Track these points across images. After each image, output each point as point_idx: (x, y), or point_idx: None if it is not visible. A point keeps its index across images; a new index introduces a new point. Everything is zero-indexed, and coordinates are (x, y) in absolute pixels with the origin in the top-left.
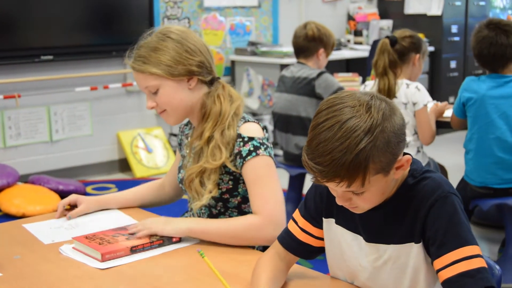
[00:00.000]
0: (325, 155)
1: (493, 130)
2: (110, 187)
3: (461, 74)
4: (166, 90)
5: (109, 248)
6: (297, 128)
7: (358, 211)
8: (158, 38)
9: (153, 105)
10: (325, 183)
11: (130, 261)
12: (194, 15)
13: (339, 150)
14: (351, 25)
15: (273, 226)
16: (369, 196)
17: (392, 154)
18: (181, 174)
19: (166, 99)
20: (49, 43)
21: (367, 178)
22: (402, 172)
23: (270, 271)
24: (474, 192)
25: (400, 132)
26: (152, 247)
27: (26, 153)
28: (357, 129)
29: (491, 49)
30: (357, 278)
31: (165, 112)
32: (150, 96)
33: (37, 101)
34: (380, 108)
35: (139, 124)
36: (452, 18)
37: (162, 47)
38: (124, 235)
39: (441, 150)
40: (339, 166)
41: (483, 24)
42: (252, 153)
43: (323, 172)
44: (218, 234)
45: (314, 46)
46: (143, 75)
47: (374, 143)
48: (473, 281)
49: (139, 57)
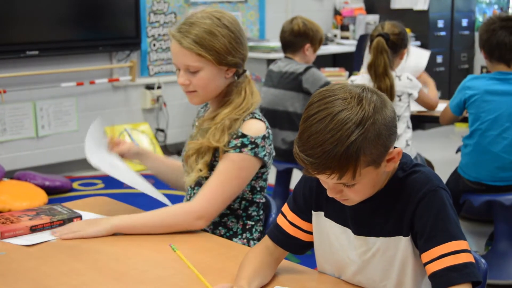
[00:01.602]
0: (316, 147)
1: (495, 127)
2: (96, 183)
3: (447, 69)
4: (207, 74)
5: (8, 227)
6: (284, 123)
7: (349, 203)
8: (213, 22)
9: (187, 82)
10: (316, 175)
11: (30, 239)
12: (181, 10)
13: (330, 142)
14: (337, 20)
15: (198, 216)
16: (360, 188)
17: (383, 147)
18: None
19: (204, 82)
20: (34, 38)
21: (358, 170)
22: (393, 165)
23: (255, 265)
24: (466, 186)
25: (391, 124)
26: (52, 226)
27: (12, 149)
28: (348, 122)
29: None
30: (345, 271)
31: (195, 93)
32: (185, 73)
33: (22, 96)
34: (371, 101)
35: (125, 119)
36: (438, 13)
37: (217, 33)
38: (28, 216)
39: (428, 145)
40: (330, 158)
41: (494, 17)
42: (236, 149)
43: (314, 164)
44: (145, 225)
45: (300, 41)
46: (190, 53)
47: (365, 136)
48: (460, 275)
49: (191, 35)
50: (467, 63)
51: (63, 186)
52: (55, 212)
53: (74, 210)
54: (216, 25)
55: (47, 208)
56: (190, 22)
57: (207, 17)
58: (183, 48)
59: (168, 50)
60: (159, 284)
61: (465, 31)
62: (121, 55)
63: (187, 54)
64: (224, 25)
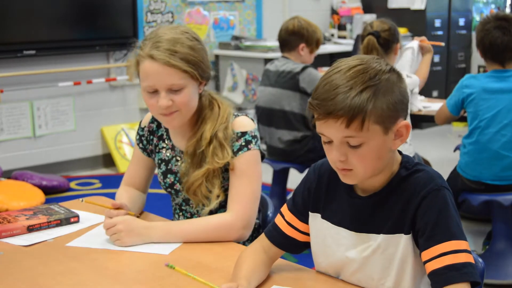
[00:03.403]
0: (331, 90)
1: (494, 124)
2: (94, 183)
3: (445, 68)
4: (190, 91)
5: (6, 226)
6: (280, 122)
7: (351, 178)
8: (188, 38)
9: (170, 103)
10: (325, 123)
11: (28, 239)
12: (178, 10)
13: (345, 86)
14: (334, 19)
15: (243, 226)
16: (366, 153)
17: (394, 110)
18: (169, 179)
19: (187, 99)
20: (31, 37)
21: (366, 122)
22: (399, 144)
23: (252, 263)
24: (465, 185)
25: (405, 94)
26: (49, 226)
27: (9, 149)
28: (365, 72)
29: (505, 38)
30: (344, 271)
31: (177, 113)
32: (167, 94)
33: (20, 96)
34: (387, 66)
35: (123, 119)
36: (436, 12)
37: (197, 49)
38: (26, 215)
39: (425, 144)
40: (342, 100)
41: (490, 16)
42: (244, 148)
43: (326, 106)
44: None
45: (294, 40)
46: (174, 71)
47: (378, 88)
48: (458, 274)
49: (177, 53)
50: (464, 63)
51: (60, 185)
52: (52, 211)
53: (71, 209)
54: (192, 40)
55: (45, 207)
56: (167, 39)
57: (180, 33)
58: (167, 67)
59: None
60: (156, 283)
61: (462, 30)
62: (118, 54)
63: (172, 72)
64: (197, 40)
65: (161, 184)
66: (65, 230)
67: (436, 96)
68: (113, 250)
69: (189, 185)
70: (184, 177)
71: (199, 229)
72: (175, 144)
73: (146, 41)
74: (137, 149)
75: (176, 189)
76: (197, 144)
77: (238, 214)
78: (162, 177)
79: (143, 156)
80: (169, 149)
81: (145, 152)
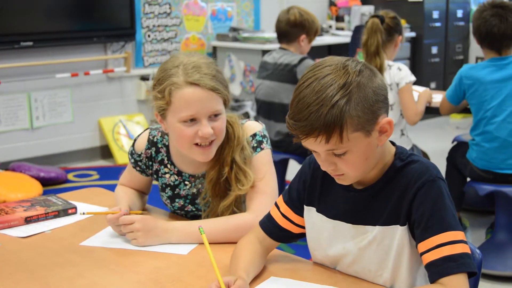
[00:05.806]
0: (304, 110)
1: (499, 112)
2: (91, 174)
3: (442, 60)
4: (224, 117)
5: (3, 218)
6: (279, 115)
7: (345, 181)
8: (212, 62)
9: (212, 132)
10: (305, 141)
11: (25, 230)
12: (175, 1)
13: (316, 103)
14: (332, 11)
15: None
16: (352, 158)
17: (371, 112)
18: (178, 203)
19: (223, 126)
20: (29, 29)
21: (344, 134)
22: (386, 139)
23: (248, 255)
24: (474, 173)
25: (380, 91)
26: (47, 217)
27: (7, 140)
28: (333, 83)
29: (502, 26)
30: (340, 262)
31: (214, 142)
32: (208, 122)
33: (17, 87)
34: (356, 67)
35: (120, 110)
36: (433, 4)
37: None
38: (23, 207)
39: (423, 135)
40: (315, 119)
41: (486, 3)
42: (257, 149)
43: (301, 127)
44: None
45: (296, 31)
46: (217, 95)
47: (350, 97)
48: (455, 265)
49: (213, 77)
50: (462, 54)
51: (58, 177)
52: (50, 203)
53: (69, 201)
54: (215, 63)
55: (42, 199)
56: (204, 64)
57: (203, 57)
58: (212, 92)
59: (162, 41)
60: (155, 275)
61: (460, 22)
62: (116, 46)
63: (216, 98)
64: (216, 63)
65: (168, 206)
66: (63, 221)
67: (434, 88)
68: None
69: (216, 213)
70: (201, 201)
71: (219, 230)
72: (181, 169)
73: (172, 70)
74: (135, 171)
75: (187, 210)
76: (220, 171)
77: (259, 214)
78: (169, 201)
79: (142, 176)
80: (174, 175)
81: (144, 173)
